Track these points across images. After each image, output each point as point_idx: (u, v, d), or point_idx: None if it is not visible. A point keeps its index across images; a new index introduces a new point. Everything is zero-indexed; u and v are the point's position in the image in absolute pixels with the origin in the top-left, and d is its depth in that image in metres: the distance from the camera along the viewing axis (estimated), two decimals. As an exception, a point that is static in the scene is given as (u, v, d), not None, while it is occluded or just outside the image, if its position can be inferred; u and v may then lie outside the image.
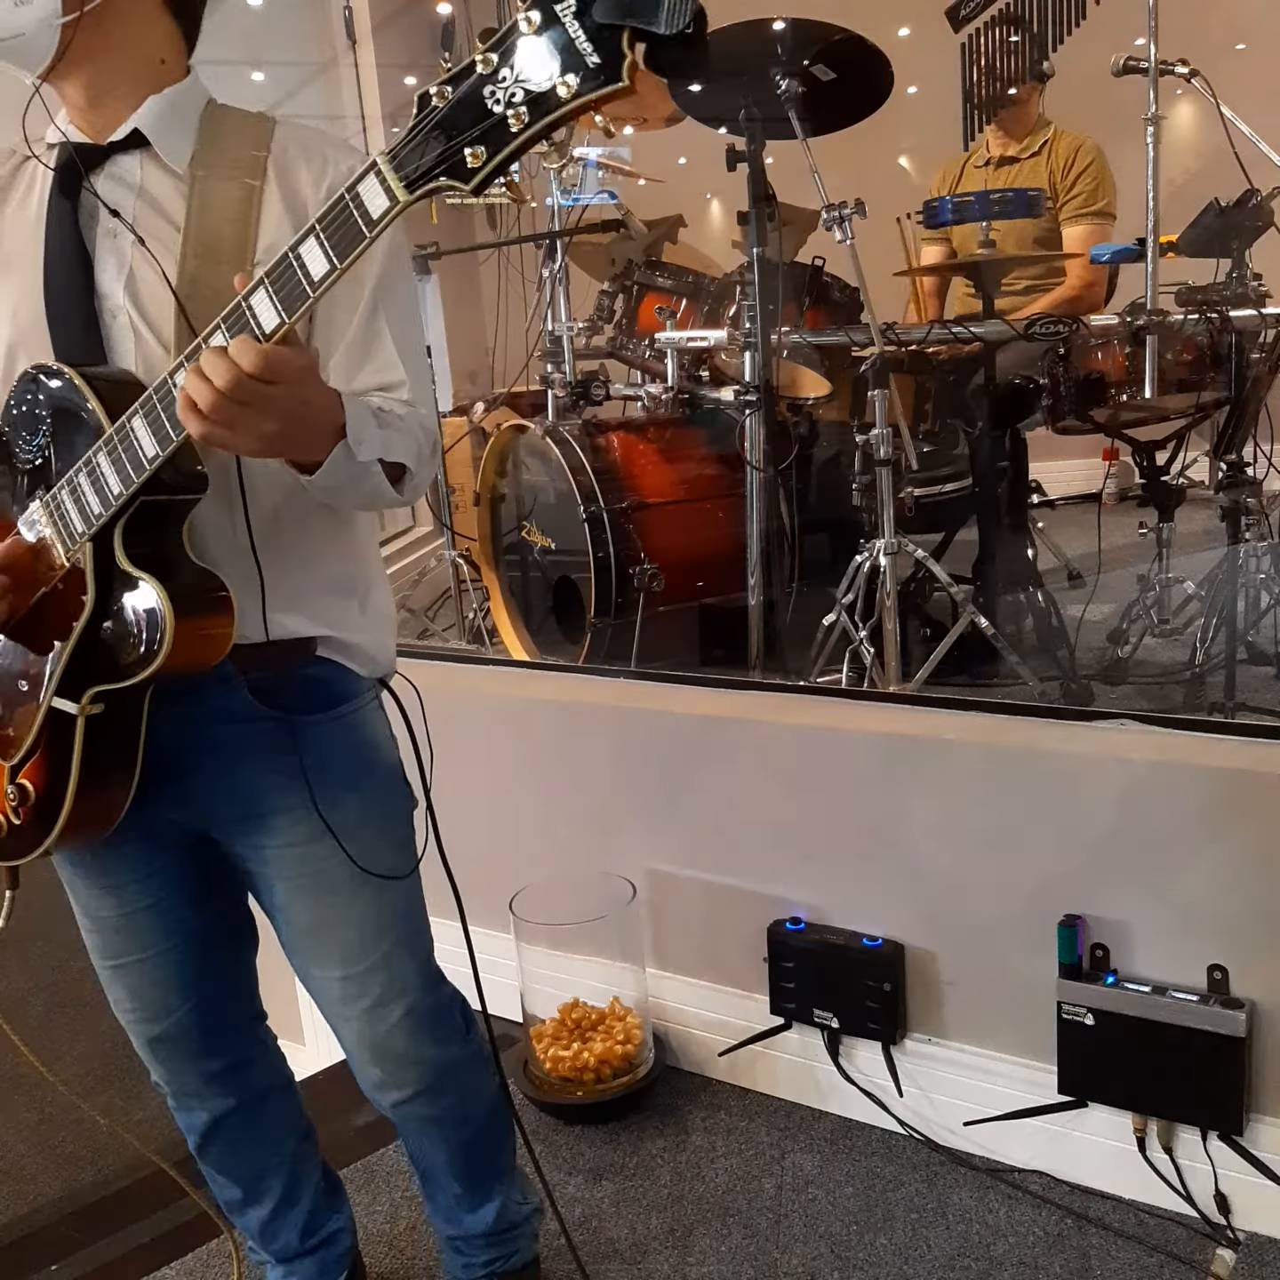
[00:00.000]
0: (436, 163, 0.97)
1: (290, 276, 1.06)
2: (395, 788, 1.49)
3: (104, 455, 1.17)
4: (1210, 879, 1.81)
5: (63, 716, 1.23)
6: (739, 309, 2.74)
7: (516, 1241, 1.72)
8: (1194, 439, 2.89)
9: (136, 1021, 1.51)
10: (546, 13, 0.92)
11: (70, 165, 1.31)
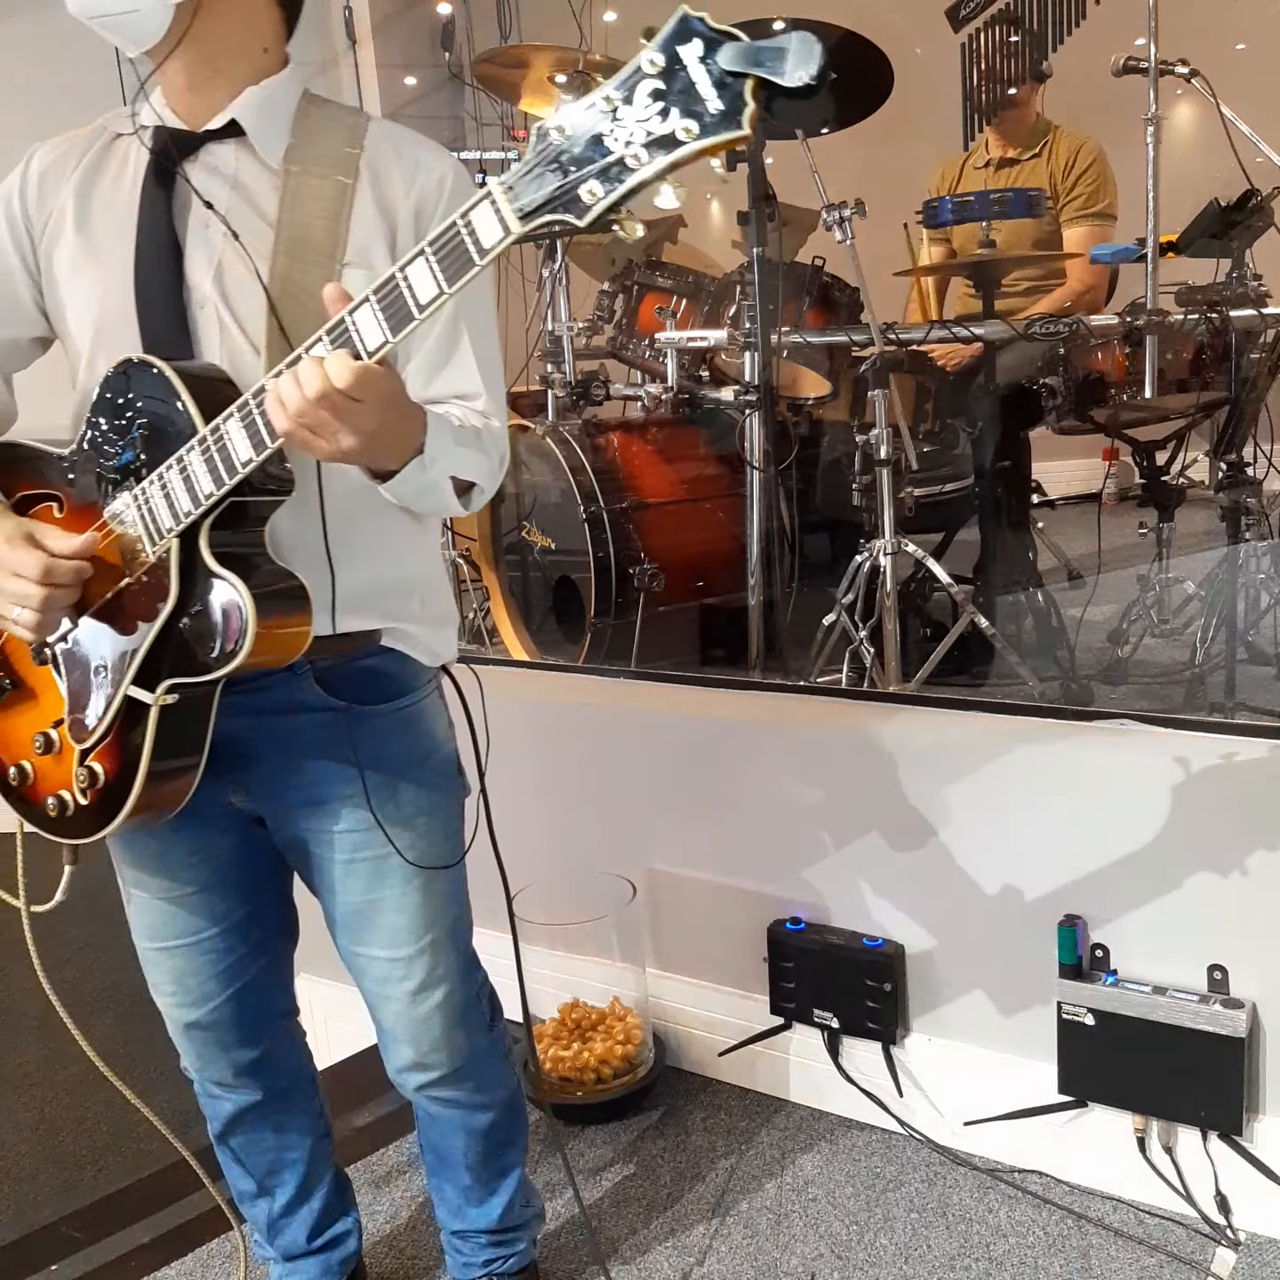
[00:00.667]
0: (552, 197, 0.98)
1: (397, 297, 1.07)
2: (451, 778, 1.51)
3: (196, 454, 1.18)
4: (1210, 879, 1.81)
5: (136, 704, 1.26)
6: (739, 309, 2.74)
7: (516, 1244, 1.73)
8: (1194, 439, 2.89)
9: (175, 1006, 1.53)
10: (671, 56, 0.93)
11: (166, 151, 1.31)
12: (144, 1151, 2.43)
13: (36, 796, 1.36)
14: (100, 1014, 2.80)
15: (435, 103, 4.49)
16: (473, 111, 4.42)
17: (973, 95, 2.92)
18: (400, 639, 1.42)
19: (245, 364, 1.28)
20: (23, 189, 1.36)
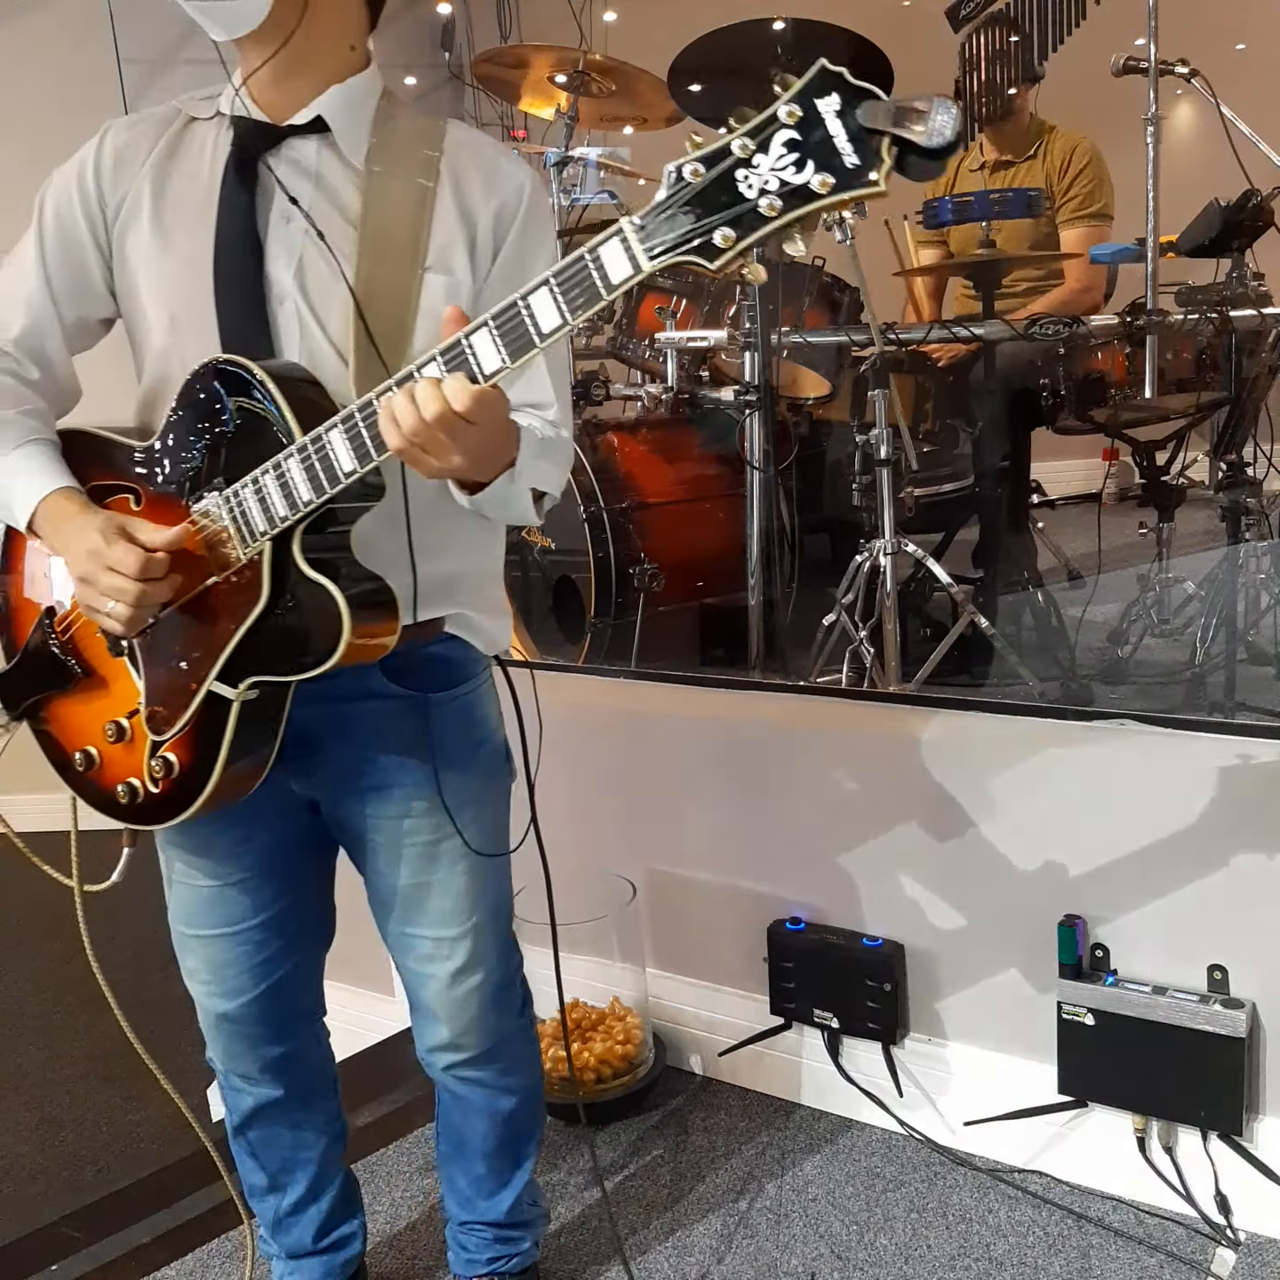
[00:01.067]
0: (685, 239, 1.00)
1: (518, 324, 1.08)
2: (501, 764, 1.55)
3: (295, 462, 1.19)
4: (1210, 879, 1.81)
5: (216, 698, 1.28)
6: (739, 309, 2.74)
7: (521, 1242, 1.73)
8: (1194, 439, 2.89)
9: (209, 995, 1.53)
10: (808, 108, 0.95)
11: (249, 143, 1.31)
12: (144, 1151, 2.43)
13: (105, 782, 1.38)
14: (100, 1014, 2.80)
15: (435, 102, 4.49)
16: (473, 111, 4.42)
17: (971, 104, 2.92)
18: (463, 626, 1.44)
19: (325, 363, 1.28)
20: (97, 166, 1.35)
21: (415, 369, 1.12)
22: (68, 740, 1.41)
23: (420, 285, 1.30)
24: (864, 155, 0.94)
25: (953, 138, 0.92)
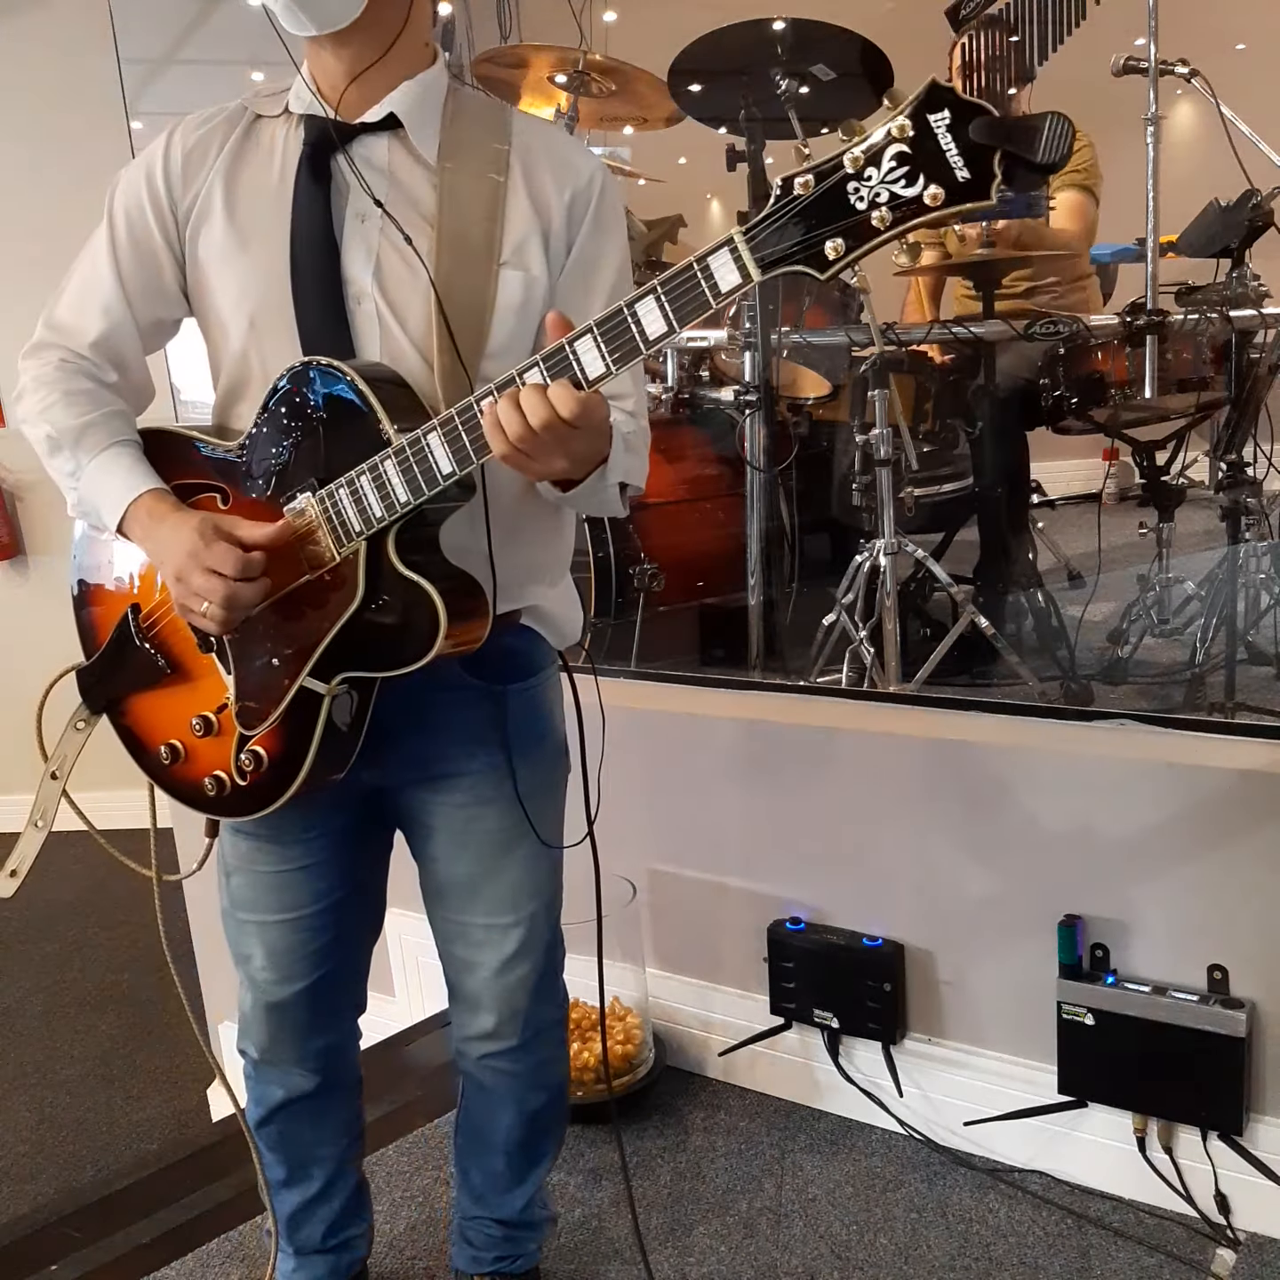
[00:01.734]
0: (795, 250, 1.03)
1: (623, 331, 1.09)
2: (561, 757, 1.57)
3: (392, 464, 1.20)
4: (1210, 879, 1.81)
5: (307, 693, 1.29)
6: (739, 309, 2.74)
7: (527, 1244, 1.73)
8: (1194, 439, 2.88)
9: (265, 982, 1.53)
10: (920, 123, 0.97)
11: (322, 141, 1.30)
12: (144, 1151, 2.43)
13: (191, 775, 1.40)
14: (100, 1014, 2.80)
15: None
16: (472, 111, 4.41)
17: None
18: (537, 618, 1.46)
19: (407, 364, 1.29)
20: (166, 168, 1.35)
21: (517, 374, 1.13)
22: (152, 734, 1.42)
23: (497, 282, 1.31)
24: (975, 169, 0.97)
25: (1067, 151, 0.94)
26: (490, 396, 1.14)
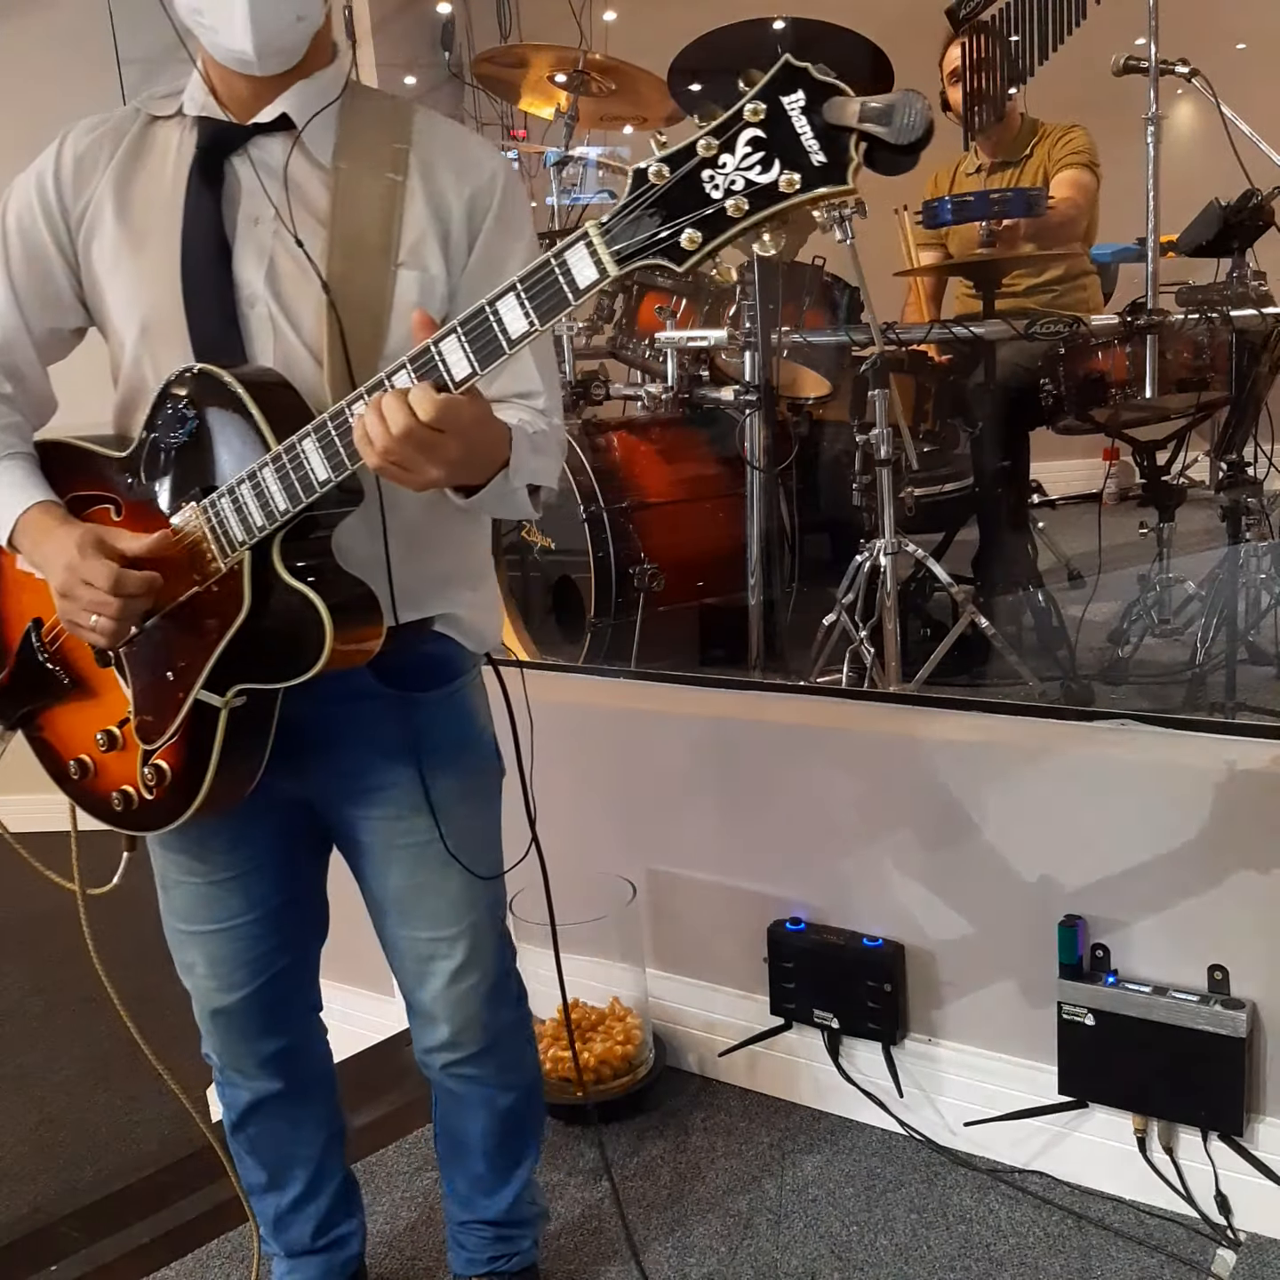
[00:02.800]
0: (651, 242, 0.99)
1: (486, 330, 1.07)
2: (490, 761, 1.54)
3: (270, 472, 1.18)
4: (1210, 879, 1.81)
5: (204, 706, 1.28)
6: (739, 309, 2.74)
7: (520, 1241, 1.73)
8: (1194, 439, 2.88)
9: (207, 990, 1.53)
10: (773, 105, 0.92)
11: (216, 144, 1.29)
12: (144, 1151, 2.43)
13: (99, 790, 1.39)
14: (99, 1014, 2.80)
15: (435, 102, 4.48)
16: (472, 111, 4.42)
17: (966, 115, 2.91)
18: (452, 625, 1.44)
19: (300, 366, 1.27)
20: (57, 174, 1.33)
21: (385, 377, 1.11)
22: (63, 749, 1.42)
23: (394, 282, 1.29)
24: (831, 153, 0.92)
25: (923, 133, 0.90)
26: (361, 400, 1.12)
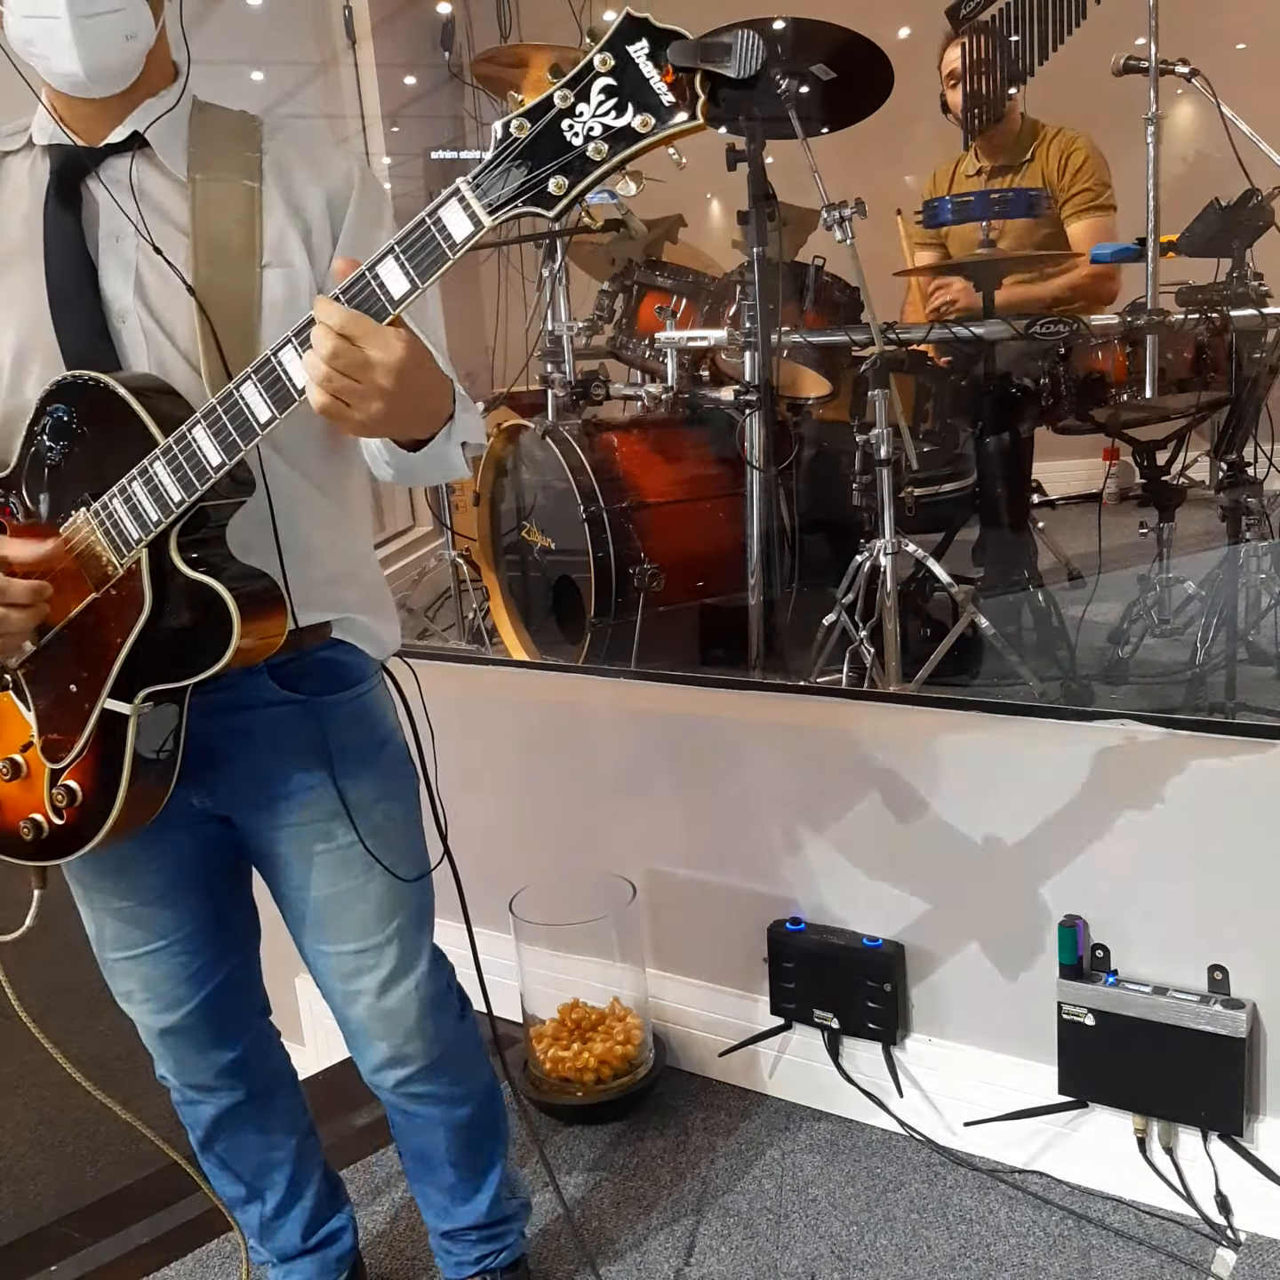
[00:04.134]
0: (520, 191, 1.03)
1: (369, 295, 1.09)
2: (403, 764, 1.53)
3: (161, 465, 1.19)
4: (1211, 879, 1.81)
5: (112, 716, 1.26)
6: (739, 309, 2.74)
7: (506, 1237, 1.73)
8: (1194, 439, 2.88)
9: (148, 1014, 1.52)
10: (619, 54, 0.99)
11: (70, 168, 1.30)
12: (144, 1152, 2.42)
13: (4, 823, 1.35)
14: (98, 1015, 2.80)
15: (435, 102, 4.49)
16: (472, 111, 4.42)
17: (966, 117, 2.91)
18: (349, 630, 1.44)
19: (176, 373, 1.28)
20: None
21: (271, 354, 1.13)
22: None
23: (260, 282, 1.30)
24: (679, 92, 0.99)
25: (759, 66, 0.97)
26: (249, 380, 1.14)
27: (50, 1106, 2.64)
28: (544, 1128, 2.22)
